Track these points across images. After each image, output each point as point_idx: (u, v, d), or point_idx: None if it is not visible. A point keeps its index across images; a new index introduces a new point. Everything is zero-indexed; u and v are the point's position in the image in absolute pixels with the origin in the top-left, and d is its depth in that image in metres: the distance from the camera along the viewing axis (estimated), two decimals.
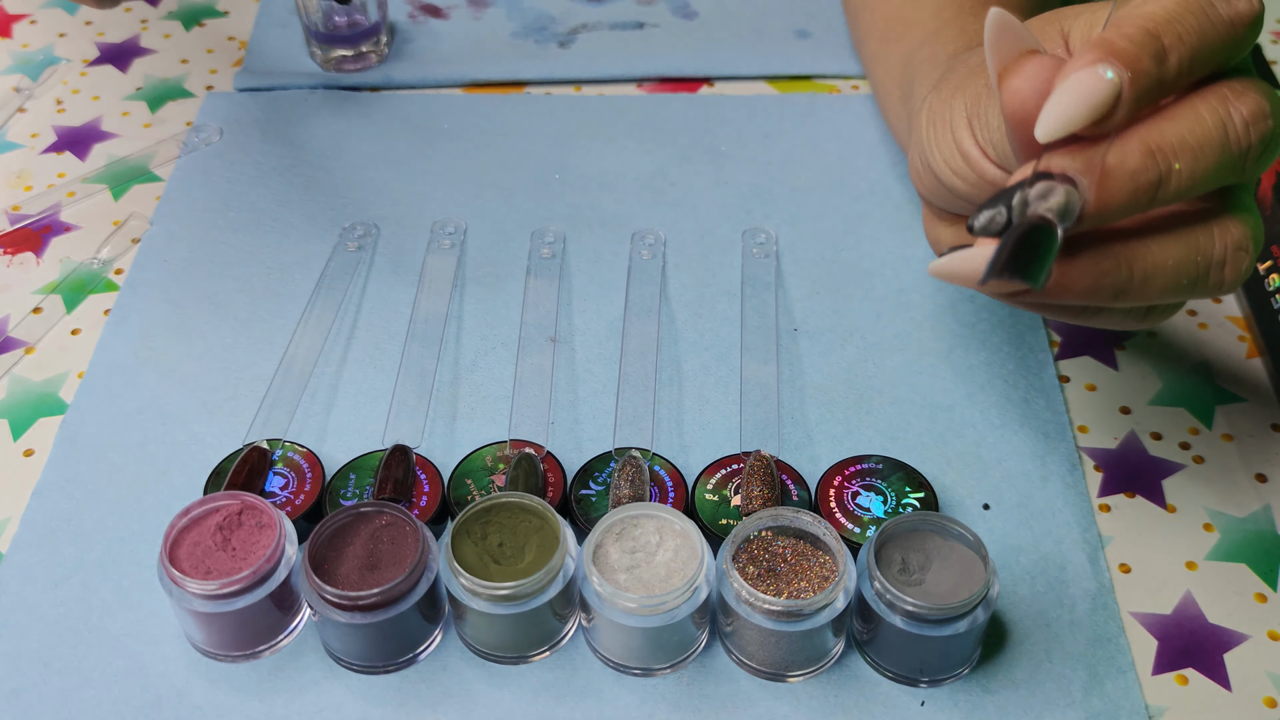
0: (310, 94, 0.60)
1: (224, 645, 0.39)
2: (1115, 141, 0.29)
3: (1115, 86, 0.29)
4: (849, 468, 0.43)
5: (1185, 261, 0.31)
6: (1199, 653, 0.39)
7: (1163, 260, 0.31)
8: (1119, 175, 0.29)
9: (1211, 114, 0.30)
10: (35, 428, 0.46)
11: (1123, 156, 0.29)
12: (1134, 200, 0.29)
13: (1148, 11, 0.30)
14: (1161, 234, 0.31)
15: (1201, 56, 0.30)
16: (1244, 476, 0.44)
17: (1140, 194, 0.29)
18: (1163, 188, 0.29)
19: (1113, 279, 0.30)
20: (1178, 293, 0.31)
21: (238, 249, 0.53)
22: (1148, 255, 0.31)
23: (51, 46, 0.64)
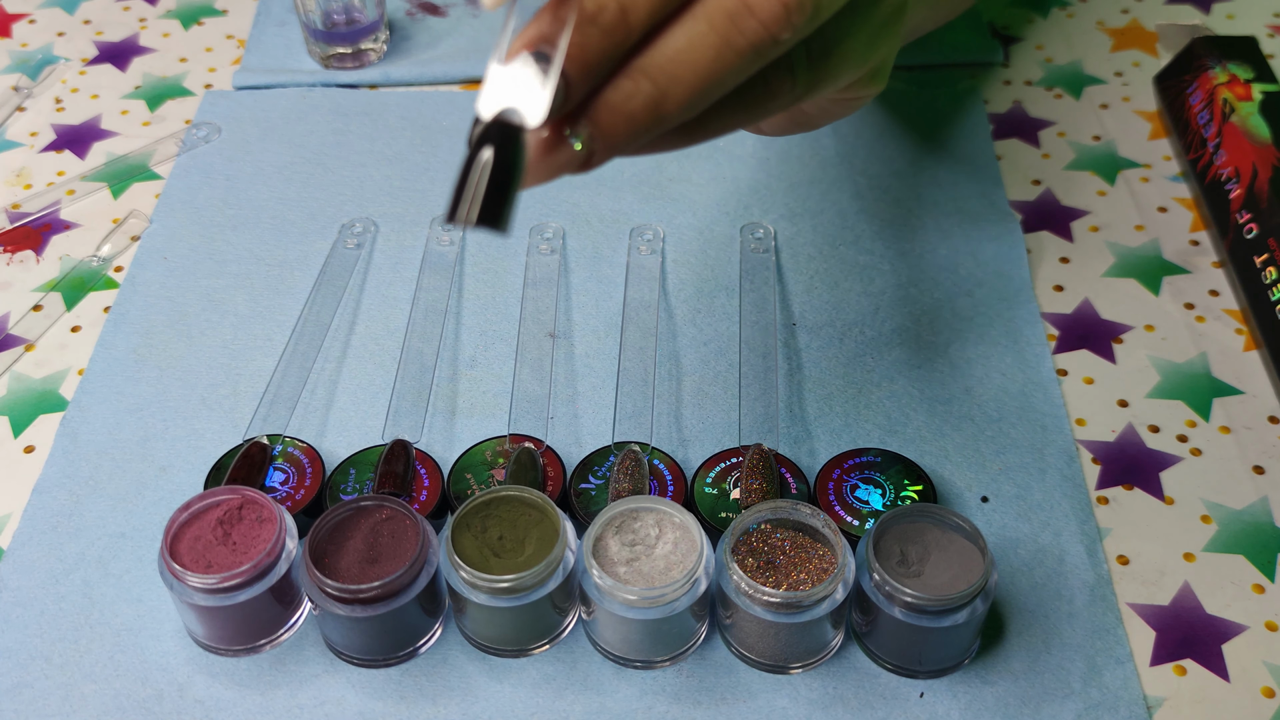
0: (309, 92, 0.60)
1: (225, 639, 0.39)
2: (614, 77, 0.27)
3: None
4: (847, 461, 0.43)
5: (700, 34, 0.28)
6: (1197, 643, 0.39)
7: (678, 47, 0.28)
8: (614, 113, 0.27)
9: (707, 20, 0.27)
10: (36, 424, 0.46)
11: (611, 89, 0.27)
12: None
13: None
14: (665, 27, 0.28)
15: None
16: (1241, 468, 0.44)
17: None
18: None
19: (639, 99, 0.28)
20: (725, 70, 0.28)
21: (237, 246, 0.53)
22: (659, 54, 0.28)
23: (50, 45, 0.64)
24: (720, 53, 0.28)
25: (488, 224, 0.26)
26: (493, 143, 0.26)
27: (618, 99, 0.28)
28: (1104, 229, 0.54)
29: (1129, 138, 0.58)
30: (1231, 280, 0.51)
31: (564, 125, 0.28)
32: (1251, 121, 0.52)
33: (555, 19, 0.27)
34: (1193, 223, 0.54)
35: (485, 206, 0.26)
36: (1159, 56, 0.62)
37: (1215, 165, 0.53)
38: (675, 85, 0.28)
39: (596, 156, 0.28)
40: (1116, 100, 0.60)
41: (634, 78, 0.28)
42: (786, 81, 0.31)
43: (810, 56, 0.31)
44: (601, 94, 0.28)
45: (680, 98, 0.28)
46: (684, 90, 0.28)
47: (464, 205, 0.26)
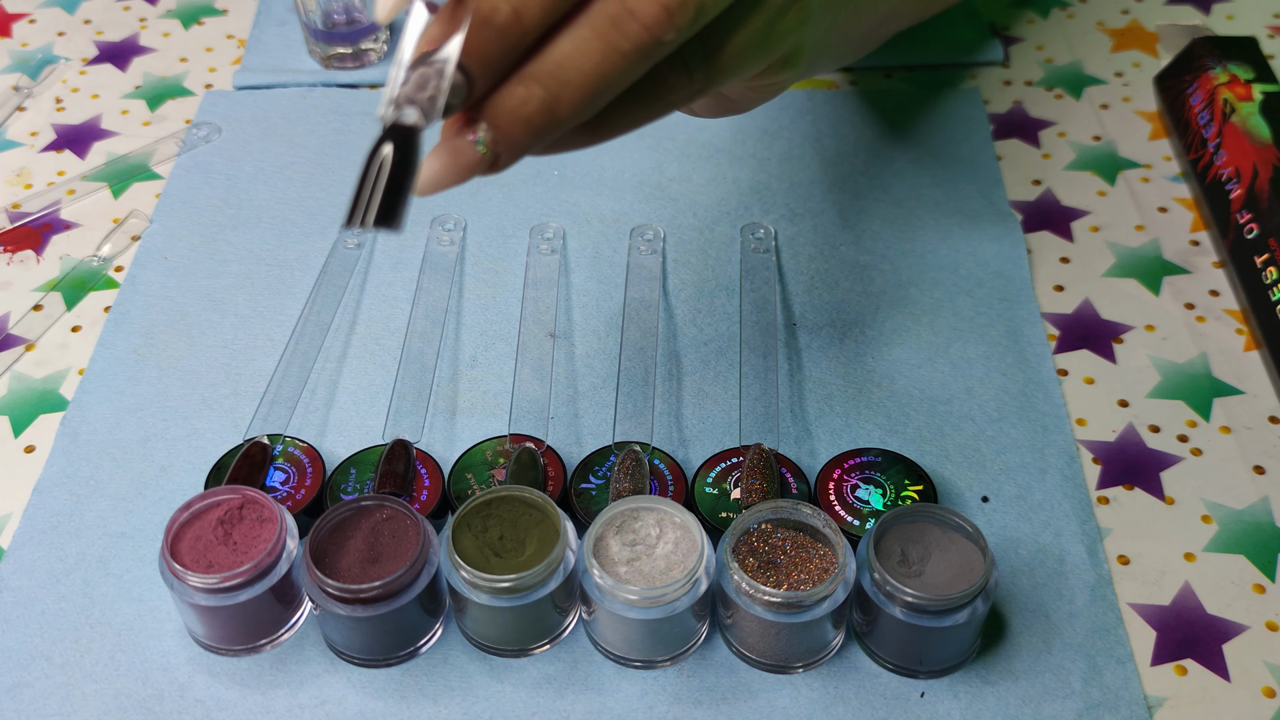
0: (309, 92, 0.60)
1: (225, 639, 0.39)
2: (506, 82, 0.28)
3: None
4: (848, 461, 0.43)
5: (584, 39, 0.28)
6: (1198, 643, 0.39)
7: (565, 52, 0.28)
8: (510, 118, 0.28)
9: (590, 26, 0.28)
10: (36, 424, 0.46)
11: (504, 94, 0.28)
12: (534, 136, 0.28)
13: None
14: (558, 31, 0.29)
15: None
16: (1242, 468, 0.44)
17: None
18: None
19: (533, 104, 0.28)
20: (612, 72, 0.29)
21: (237, 246, 0.53)
22: (547, 60, 0.28)
23: (51, 45, 0.64)
24: (606, 56, 0.28)
25: (383, 223, 0.27)
26: (389, 143, 0.27)
27: (512, 104, 0.28)
28: (1104, 229, 0.54)
29: (1129, 138, 0.58)
30: (1232, 280, 0.51)
31: (466, 129, 0.29)
32: (1252, 122, 0.52)
33: (451, 21, 0.28)
34: (1193, 223, 0.54)
35: (381, 207, 0.27)
36: (1159, 57, 0.62)
37: (1216, 165, 0.53)
38: (565, 89, 0.28)
39: (502, 159, 0.29)
40: (1117, 100, 0.60)
41: (525, 83, 0.28)
42: (682, 77, 0.31)
43: (705, 51, 0.31)
44: (497, 98, 0.28)
45: (571, 101, 0.29)
46: (574, 94, 0.29)
47: (360, 208, 0.27)
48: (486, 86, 0.28)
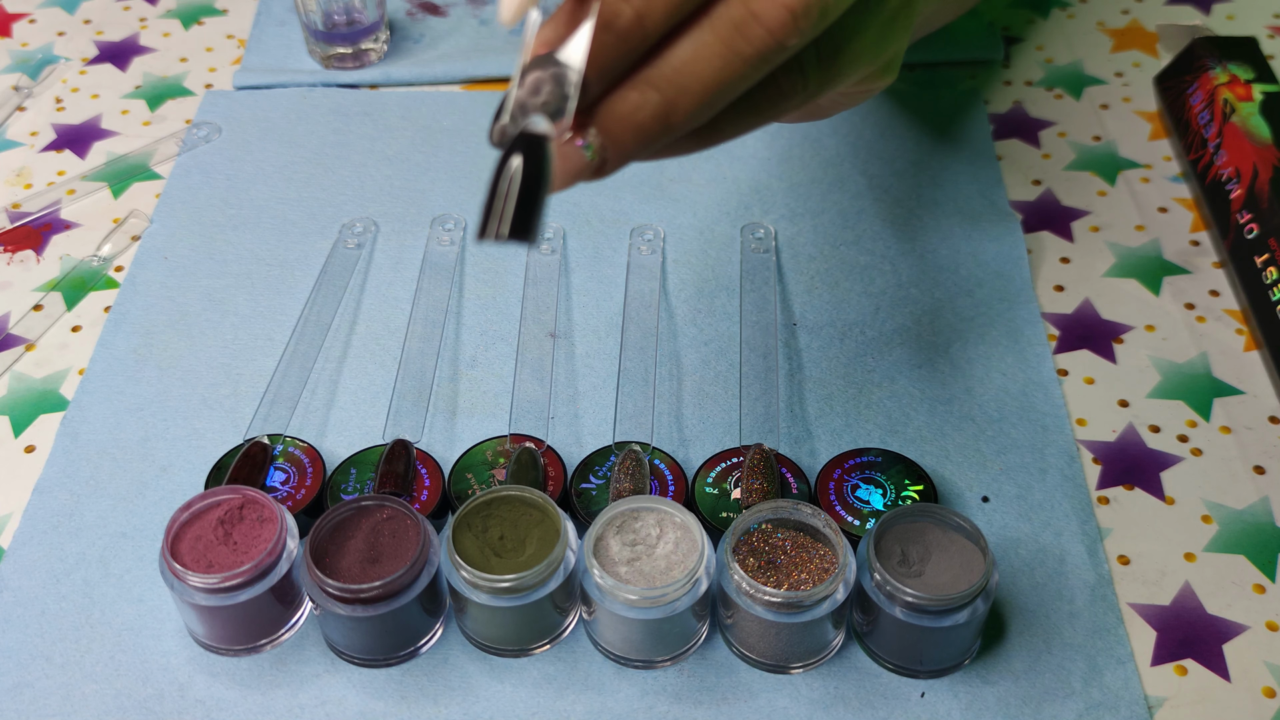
0: (309, 92, 0.60)
1: (225, 639, 0.39)
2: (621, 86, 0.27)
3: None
4: (848, 461, 0.43)
5: (705, 44, 0.28)
6: (1198, 643, 0.39)
7: (685, 58, 0.28)
8: (623, 124, 0.27)
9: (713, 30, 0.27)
10: (36, 424, 0.46)
11: (618, 100, 0.27)
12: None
13: None
14: (678, 35, 0.28)
15: None
16: (1242, 469, 0.44)
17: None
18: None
19: (648, 110, 0.28)
20: (732, 78, 0.28)
21: (238, 246, 0.53)
22: (666, 65, 0.28)
23: (51, 45, 0.64)
24: (727, 62, 0.28)
25: (519, 236, 0.26)
26: (519, 153, 0.26)
27: (626, 109, 0.28)
28: (1104, 229, 0.54)
29: (1129, 138, 0.58)
30: (1232, 280, 0.51)
31: (575, 133, 0.28)
32: (1252, 122, 0.52)
33: (571, 23, 0.27)
34: (1193, 223, 0.54)
35: (516, 219, 0.26)
36: (1159, 57, 0.62)
37: (1216, 165, 0.53)
38: (683, 96, 0.28)
39: (609, 165, 0.28)
40: (1117, 101, 0.60)
41: (641, 88, 0.28)
42: (798, 82, 0.31)
43: (820, 56, 0.31)
44: (610, 103, 0.28)
45: (688, 107, 0.28)
46: (691, 100, 0.28)
47: (494, 219, 0.26)
48: (600, 90, 0.28)
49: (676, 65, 0.28)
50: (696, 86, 0.28)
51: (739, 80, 0.28)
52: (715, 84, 0.28)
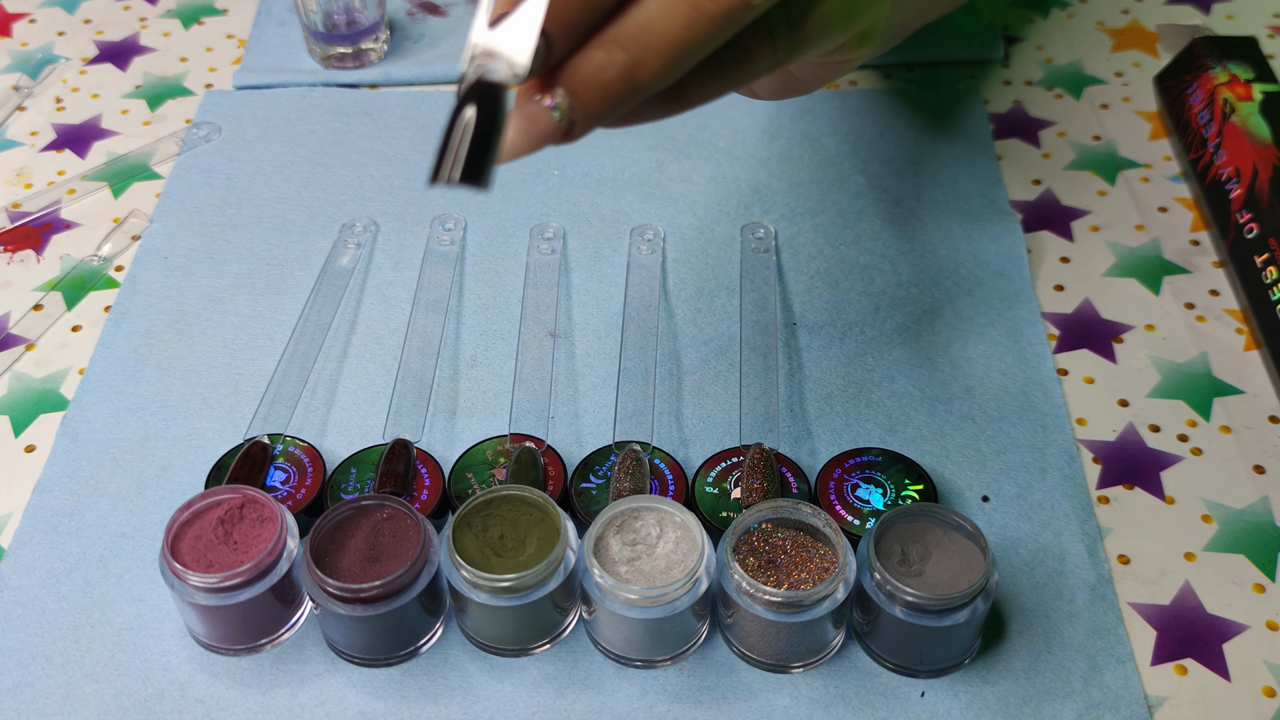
0: (309, 91, 0.60)
1: (226, 639, 0.39)
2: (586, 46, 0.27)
3: None
4: (848, 460, 0.43)
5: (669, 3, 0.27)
6: (1198, 643, 0.39)
7: (650, 15, 0.27)
8: (589, 84, 0.27)
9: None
10: (36, 424, 0.46)
11: (584, 59, 0.27)
12: (612, 102, 0.27)
13: None
14: None
15: None
16: (1242, 468, 0.44)
17: (614, 96, 0.27)
18: (638, 82, 0.27)
19: (613, 70, 0.27)
20: (698, 37, 0.27)
21: (238, 246, 0.53)
22: (630, 24, 0.27)
23: (51, 45, 0.64)
24: (692, 20, 0.27)
25: (470, 181, 0.26)
26: (475, 101, 0.26)
27: (592, 69, 0.27)
28: (1104, 229, 0.54)
29: (1129, 138, 0.58)
30: (1232, 280, 0.51)
31: (542, 93, 0.28)
32: (1252, 121, 0.52)
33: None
34: (1193, 223, 0.54)
35: (468, 164, 0.26)
36: (1159, 57, 0.62)
37: (1215, 165, 0.53)
38: (648, 54, 0.27)
39: (578, 127, 0.28)
40: (1117, 100, 0.60)
41: (606, 47, 0.27)
42: (766, 45, 0.30)
43: (790, 19, 0.30)
44: (575, 63, 0.27)
45: (654, 66, 0.28)
46: (657, 59, 0.27)
47: (446, 164, 0.26)
48: (565, 50, 0.27)
49: (641, 24, 0.27)
50: (662, 45, 0.27)
51: (705, 40, 0.28)
52: (681, 43, 0.27)
